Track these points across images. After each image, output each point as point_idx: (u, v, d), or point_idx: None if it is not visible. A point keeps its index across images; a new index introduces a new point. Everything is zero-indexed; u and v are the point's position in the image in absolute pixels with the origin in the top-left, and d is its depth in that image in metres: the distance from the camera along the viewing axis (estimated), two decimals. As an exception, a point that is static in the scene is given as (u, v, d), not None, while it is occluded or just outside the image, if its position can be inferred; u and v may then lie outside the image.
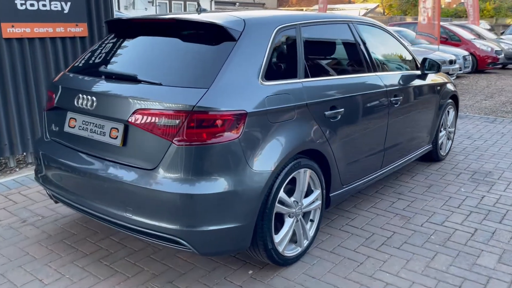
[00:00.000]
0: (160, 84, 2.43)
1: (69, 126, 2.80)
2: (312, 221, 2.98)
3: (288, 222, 2.76)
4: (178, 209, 2.30)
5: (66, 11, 4.44)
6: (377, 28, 3.82)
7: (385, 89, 3.54)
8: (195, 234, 2.33)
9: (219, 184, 2.33)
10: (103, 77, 2.67)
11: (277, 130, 2.56)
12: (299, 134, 2.71)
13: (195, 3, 23.23)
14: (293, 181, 2.75)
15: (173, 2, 24.30)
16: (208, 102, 2.30)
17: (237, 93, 2.42)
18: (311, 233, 2.97)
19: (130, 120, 2.41)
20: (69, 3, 4.44)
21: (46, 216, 3.55)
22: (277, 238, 2.67)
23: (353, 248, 3.08)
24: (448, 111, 4.91)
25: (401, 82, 3.81)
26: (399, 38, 4.13)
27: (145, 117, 2.37)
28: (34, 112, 4.44)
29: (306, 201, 2.87)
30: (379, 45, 3.78)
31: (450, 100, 4.85)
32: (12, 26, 4.11)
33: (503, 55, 14.37)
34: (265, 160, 2.49)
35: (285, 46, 2.85)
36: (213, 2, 24.30)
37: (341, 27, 3.39)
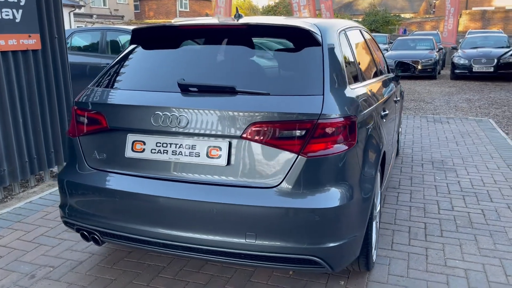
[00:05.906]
0: (268, 94, 2.21)
1: (133, 151, 2.35)
2: (377, 222, 3.01)
3: (373, 226, 2.75)
4: (316, 226, 2.12)
5: (18, 20, 3.71)
6: (368, 34, 4.02)
7: (394, 89, 3.76)
8: (331, 251, 2.17)
9: (350, 193, 2.21)
10: (180, 90, 2.31)
11: (370, 134, 2.54)
12: (380, 137, 2.73)
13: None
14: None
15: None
16: (329, 109, 2.18)
17: (343, 98, 2.34)
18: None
19: (244, 135, 2.14)
20: (20, 11, 3.72)
21: (57, 265, 2.92)
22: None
23: (406, 243, 3.19)
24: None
25: (395, 83, 4.08)
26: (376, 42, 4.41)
27: (264, 130, 2.13)
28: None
29: (377, 203, 2.89)
30: (375, 49, 3.99)
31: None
32: (-40, 38, 3.29)
33: None
34: (371, 166, 2.45)
35: (346, 50, 2.83)
36: (72, 14, 22.52)
37: (357, 32, 3.49)
